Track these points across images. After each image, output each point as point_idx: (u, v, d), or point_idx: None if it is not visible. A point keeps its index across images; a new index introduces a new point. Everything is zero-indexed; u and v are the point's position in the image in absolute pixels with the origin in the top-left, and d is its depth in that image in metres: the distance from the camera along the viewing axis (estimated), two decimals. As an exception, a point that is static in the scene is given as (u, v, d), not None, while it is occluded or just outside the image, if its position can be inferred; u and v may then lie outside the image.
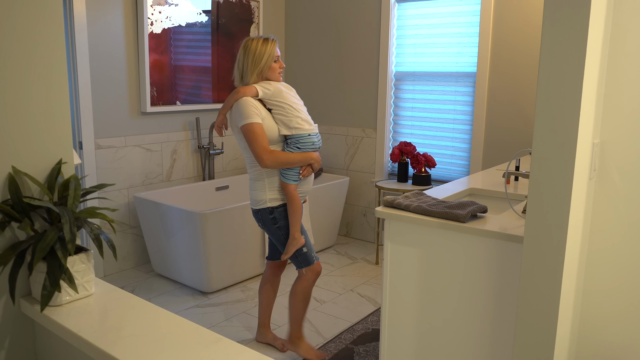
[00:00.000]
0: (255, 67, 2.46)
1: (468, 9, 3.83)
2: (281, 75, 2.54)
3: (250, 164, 2.50)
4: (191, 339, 1.10)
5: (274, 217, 2.52)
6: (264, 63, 2.46)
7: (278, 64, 2.51)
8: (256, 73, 2.47)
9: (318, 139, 2.53)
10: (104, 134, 3.63)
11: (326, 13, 4.57)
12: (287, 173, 2.47)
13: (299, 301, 2.63)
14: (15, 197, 1.22)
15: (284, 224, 2.52)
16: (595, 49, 1.45)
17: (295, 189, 2.49)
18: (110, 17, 3.58)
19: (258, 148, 2.38)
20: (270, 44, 2.47)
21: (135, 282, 3.67)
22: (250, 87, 2.44)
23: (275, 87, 2.47)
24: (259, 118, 2.39)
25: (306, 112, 2.53)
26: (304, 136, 2.47)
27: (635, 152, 1.59)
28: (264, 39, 2.48)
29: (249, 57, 2.47)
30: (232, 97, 2.44)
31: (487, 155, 3.86)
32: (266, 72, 2.48)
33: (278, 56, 2.51)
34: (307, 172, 2.51)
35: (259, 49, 2.45)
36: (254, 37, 2.49)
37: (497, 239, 1.84)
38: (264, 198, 2.50)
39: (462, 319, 1.98)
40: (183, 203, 3.96)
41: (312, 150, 2.50)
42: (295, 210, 2.48)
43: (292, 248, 2.50)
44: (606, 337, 1.73)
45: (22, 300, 1.29)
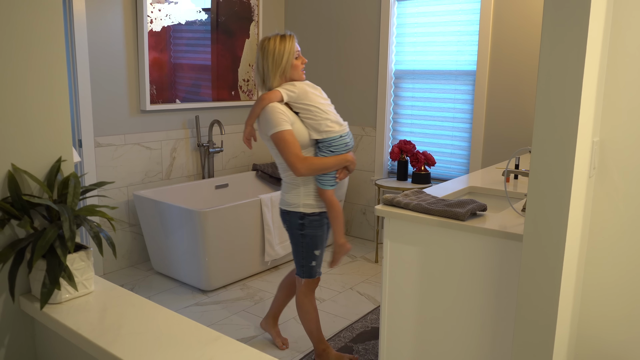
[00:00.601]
0: (277, 68, 2.31)
1: (468, 7, 3.83)
2: (304, 73, 2.39)
3: (284, 169, 2.38)
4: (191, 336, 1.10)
5: (303, 224, 2.39)
6: (285, 62, 2.31)
7: (300, 60, 2.36)
8: (279, 74, 2.32)
9: (350, 138, 2.41)
10: (103, 132, 3.63)
11: (326, 11, 4.57)
12: (323, 178, 2.35)
13: (304, 311, 2.54)
14: (14, 194, 1.22)
15: (310, 233, 2.40)
16: (595, 47, 1.45)
17: (333, 194, 2.37)
18: (109, 15, 3.57)
19: (291, 157, 2.25)
20: (289, 40, 2.31)
21: (134, 280, 3.67)
22: (274, 92, 2.30)
23: (300, 89, 2.32)
24: (288, 124, 2.26)
25: (334, 111, 2.40)
26: (336, 138, 2.34)
27: (635, 150, 1.59)
28: (281, 36, 2.32)
29: (268, 59, 2.31)
30: (257, 106, 2.30)
31: (487, 154, 3.86)
32: (289, 71, 2.33)
33: (299, 52, 2.35)
34: (343, 174, 2.39)
35: (277, 48, 2.30)
36: (270, 36, 2.34)
37: (496, 237, 1.85)
38: (297, 202, 2.38)
39: (462, 317, 1.99)
40: (182, 201, 3.96)
41: (346, 151, 2.37)
42: (336, 216, 2.38)
43: (340, 256, 2.42)
44: (605, 335, 1.73)
45: (22, 298, 1.29)
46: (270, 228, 3.67)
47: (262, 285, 3.60)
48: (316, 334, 2.58)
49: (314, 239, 2.43)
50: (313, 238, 2.42)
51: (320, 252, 2.46)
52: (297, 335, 2.94)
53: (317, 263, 2.46)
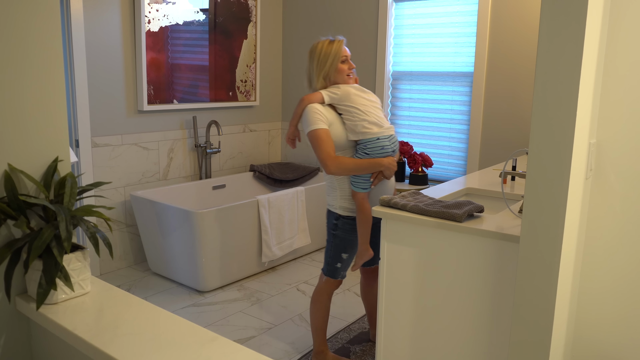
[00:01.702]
0: (321, 70, 2.36)
1: (465, 9, 3.84)
2: (350, 78, 2.40)
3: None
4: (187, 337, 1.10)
5: (336, 225, 2.43)
6: (329, 65, 2.35)
7: (346, 64, 2.38)
8: (322, 77, 2.37)
9: (391, 142, 2.36)
10: (100, 132, 3.62)
11: (324, 12, 4.57)
12: (356, 180, 2.35)
13: (315, 308, 2.56)
14: (11, 194, 1.22)
15: (341, 235, 2.42)
16: (591, 49, 1.45)
17: (364, 197, 2.34)
18: (107, 15, 3.57)
19: (322, 154, 2.28)
20: (336, 44, 2.35)
21: (131, 281, 3.66)
22: (316, 94, 2.34)
23: (343, 91, 2.35)
24: (324, 124, 2.29)
25: (378, 113, 2.38)
26: (372, 140, 2.32)
27: (631, 152, 1.60)
28: (330, 40, 2.36)
29: (313, 61, 2.37)
30: (299, 107, 2.35)
31: (484, 155, 3.87)
32: (333, 74, 2.37)
33: (346, 57, 2.38)
34: (377, 180, 2.36)
35: (323, 51, 2.35)
36: (320, 40, 2.39)
37: (493, 239, 1.85)
38: (335, 204, 2.43)
39: (458, 318, 1.99)
40: (180, 202, 3.95)
41: (382, 155, 2.34)
42: (363, 221, 2.36)
43: (360, 260, 2.42)
44: (602, 337, 1.73)
45: (18, 299, 1.29)
46: (267, 229, 3.67)
47: (259, 286, 3.60)
48: (320, 333, 2.60)
49: (344, 242, 2.44)
50: (343, 240, 2.44)
51: (348, 257, 2.46)
52: (294, 337, 2.94)
53: (343, 266, 2.48)
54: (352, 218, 2.41)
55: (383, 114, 2.43)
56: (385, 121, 2.39)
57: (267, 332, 2.98)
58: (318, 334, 2.60)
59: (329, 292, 2.54)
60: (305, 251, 4.20)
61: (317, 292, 2.56)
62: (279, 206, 3.76)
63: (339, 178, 2.40)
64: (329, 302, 2.57)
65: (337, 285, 2.53)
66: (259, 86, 4.69)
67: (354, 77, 2.46)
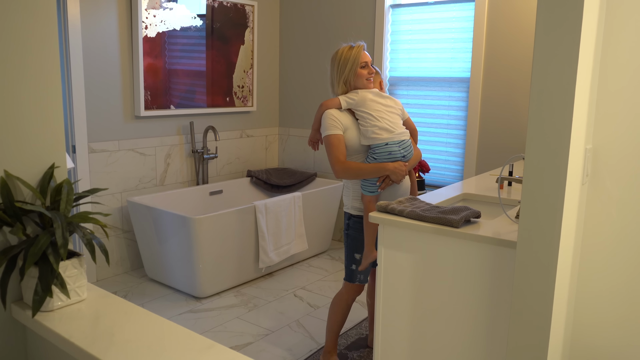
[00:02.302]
0: (340, 75, 2.41)
1: (462, 15, 3.85)
2: (371, 82, 2.43)
3: None
4: (184, 344, 1.10)
5: (348, 224, 2.50)
6: (348, 70, 2.39)
7: (366, 69, 2.41)
8: (342, 82, 2.42)
9: (401, 147, 2.38)
10: (97, 138, 3.62)
11: (321, 18, 4.58)
12: (364, 183, 2.39)
13: (331, 311, 2.59)
14: (7, 201, 1.22)
15: (353, 235, 2.48)
16: (587, 56, 1.46)
17: (371, 200, 2.38)
18: (104, 20, 3.57)
19: (332, 158, 2.37)
20: (355, 50, 2.39)
21: (128, 287, 3.65)
22: (334, 100, 2.41)
23: (361, 96, 2.40)
24: (338, 130, 2.37)
25: (395, 119, 2.41)
26: (380, 145, 2.36)
27: (627, 158, 1.60)
28: (350, 46, 2.41)
29: (334, 67, 2.43)
30: (318, 112, 2.44)
31: (481, 161, 3.87)
32: (352, 79, 2.41)
33: (366, 62, 2.41)
34: (384, 184, 2.38)
35: (343, 56, 2.40)
36: (342, 45, 2.43)
37: (490, 244, 1.85)
38: (348, 204, 2.50)
39: (456, 323, 1.98)
40: (176, 208, 3.95)
41: (390, 160, 2.36)
42: (369, 224, 2.38)
43: (365, 261, 2.43)
44: (599, 342, 1.73)
45: (14, 306, 1.28)
46: (264, 234, 3.66)
47: (256, 292, 3.59)
48: (331, 335, 2.62)
49: (356, 242, 2.47)
50: (355, 240, 2.48)
51: (361, 257, 2.48)
52: (292, 343, 2.93)
53: (358, 268, 2.49)
54: (362, 217, 2.45)
55: (400, 119, 2.46)
56: (398, 127, 2.41)
57: (265, 339, 2.97)
58: (330, 336, 2.63)
59: (347, 299, 2.54)
60: (302, 257, 4.19)
61: (337, 296, 2.59)
62: (276, 212, 3.75)
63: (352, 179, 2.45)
64: (347, 309, 2.58)
65: (356, 290, 2.53)
66: (256, 92, 4.70)
67: (379, 80, 2.50)
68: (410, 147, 2.44)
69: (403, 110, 2.52)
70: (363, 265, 2.46)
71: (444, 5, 3.93)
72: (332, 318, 2.59)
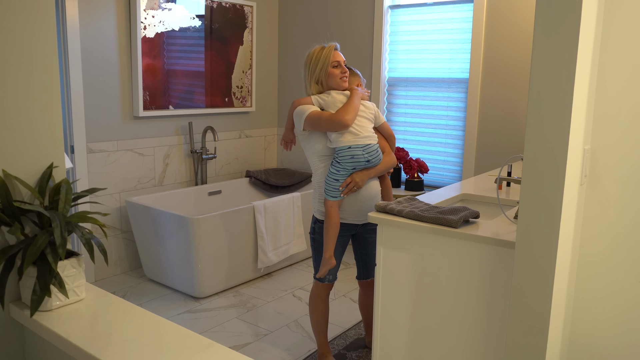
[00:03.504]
0: (312, 75, 2.40)
1: (460, 16, 3.86)
2: (345, 82, 2.40)
3: (313, 172, 2.48)
4: (183, 344, 1.10)
5: (314, 228, 2.49)
6: (319, 70, 2.38)
7: (338, 69, 2.38)
8: (314, 81, 2.40)
9: (365, 151, 2.33)
10: (96, 138, 3.62)
11: (320, 19, 4.58)
12: (328, 186, 2.35)
13: (310, 311, 2.61)
14: (5, 201, 1.22)
15: (319, 239, 2.47)
16: (585, 57, 1.46)
17: (333, 205, 2.35)
18: (103, 20, 3.57)
19: (327, 121, 2.30)
20: (327, 50, 2.38)
21: (126, 287, 3.65)
22: (306, 98, 2.41)
23: (332, 98, 2.38)
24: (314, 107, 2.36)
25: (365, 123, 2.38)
26: (343, 149, 2.33)
27: (626, 158, 1.61)
28: (322, 47, 2.41)
29: (305, 67, 2.43)
30: (290, 110, 2.42)
31: (480, 161, 3.88)
32: (325, 79, 2.39)
33: (338, 62, 2.39)
34: (348, 189, 2.33)
35: (315, 56, 2.39)
36: (315, 46, 2.43)
37: (489, 245, 1.85)
38: (315, 207, 2.49)
39: (454, 324, 1.99)
40: (175, 208, 3.94)
41: (352, 164, 2.32)
42: (328, 228, 2.36)
43: (323, 268, 2.41)
44: (597, 343, 1.73)
45: (12, 305, 1.28)
46: (263, 235, 3.66)
47: (255, 292, 3.59)
48: (319, 336, 2.63)
49: (322, 246, 2.46)
50: (321, 244, 2.47)
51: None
52: (290, 343, 2.93)
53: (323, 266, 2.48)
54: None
55: (371, 123, 2.42)
56: (364, 130, 2.36)
57: (263, 339, 2.97)
58: (318, 337, 2.63)
59: (321, 295, 2.56)
60: (301, 257, 4.19)
61: (310, 296, 2.61)
62: (275, 212, 3.75)
63: (318, 182, 2.43)
64: (323, 306, 2.57)
65: (326, 288, 2.55)
66: (255, 92, 4.69)
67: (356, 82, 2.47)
68: (377, 152, 2.38)
69: (378, 114, 2.48)
70: (321, 273, 2.43)
71: (442, 6, 3.93)
72: (313, 318, 2.61)
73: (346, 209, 2.42)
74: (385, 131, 2.54)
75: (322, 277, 2.47)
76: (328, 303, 2.60)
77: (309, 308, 2.62)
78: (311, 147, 2.42)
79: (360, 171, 2.36)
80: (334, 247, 2.40)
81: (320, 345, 2.64)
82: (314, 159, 2.44)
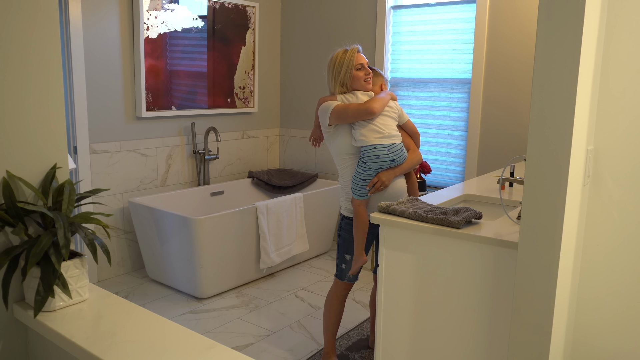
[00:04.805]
0: (337, 78, 2.42)
1: (463, 16, 3.85)
2: (369, 83, 2.43)
3: (339, 170, 2.49)
4: (185, 345, 1.10)
5: (341, 225, 2.52)
6: (343, 73, 2.40)
7: (362, 71, 2.41)
8: (339, 84, 2.43)
9: (390, 151, 2.35)
10: (98, 139, 3.62)
11: (322, 19, 4.59)
12: (354, 187, 2.39)
13: (325, 309, 2.62)
14: (9, 201, 1.22)
15: (344, 235, 2.49)
16: (588, 57, 1.46)
17: (361, 204, 2.37)
18: (106, 21, 3.58)
19: (356, 111, 2.33)
20: (350, 53, 2.40)
21: (129, 288, 3.65)
22: (332, 97, 2.43)
23: (357, 98, 2.41)
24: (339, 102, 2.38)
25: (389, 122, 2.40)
26: (369, 149, 2.35)
27: (629, 159, 1.60)
28: (345, 50, 2.43)
29: (329, 70, 2.45)
30: (317, 108, 2.44)
31: (482, 162, 3.87)
32: (349, 82, 2.42)
33: (362, 64, 2.42)
34: (375, 188, 2.36)
35: (338, 60, 2.41)
36: (337, 50, 2.45)
37: (491, 245, 1.85)
38: (342, 204, 2.51)
39: (457, 324, 1.98)
40: (178, 208, 3.95)
41: (378, 164, 2.34)
42: (357, 227, 2.39)
43: (355, 265, 2.44)
44: (601, 343, 1.73)
45: (15, 306, 1.28)
46: (265, 235, 3.66)
47: (257, 292, 3.59)
48: (328, 334, 2.63)
49: (346, 243, 2.49)
50: (345, 241, 2.49)
51: (351, 258, 2.49)
52: (293, 343, 2.93)
53: (347, 268, 2.51)
54: (352, 219, 2.45)
55: (395, 122, 2.45)
56: (389, 129, 2.39)
57: (266, 339, 2.97)
58: (326, 335, 2.64)
59: (338, 295, 2.57)
60: (303, 257, 4.19)
61: (329, 294, 2.61)
62: (278, 212, 3.75)
63: (345, 181, 2.46)
64: (339, 306, 2.59)
65: (345, 287, 2.55)
66: (258, 93, 4.70)
67: (380, 82, 2.50)
68: (401, 151, 2.41)
69: (402, 113, 2.50)
70: (353, 270, 2.47)
71: (445, 7, 3.93)
72: (326, 316, 2.61)
73: (373, 207, 2.43)
74: (410, 129, 2.56)
75: (354, 273, 2.49)
76: (344, 304, 2.61)
77: (325, 306, 2.62)
78: (336, 145, 2.44)
79: (386, 170, 2.38)
80: (364, 244, 2.42)
81: (327, 344, 2.64)
82: (340, 157, 2.46)
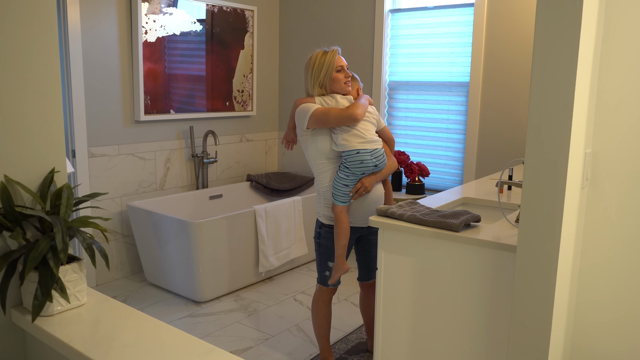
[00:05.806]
0: (316, 79, 2.38)
1: (461, 20, 3.86)
2: (349, 86, 2.41)
3: (315, 175, 2.45)
4: (184, 349, 1.10)
5: (320, 233, 2.48)
6: (323, 74, 2.37)
7: (342, 74, 2.39)
8: (318, 85, 2.39)
9: (373, 156, 2.35)
10: (97, 143, 3.62)
11: (320, 23, 4.59)
12: (337, 192, 2.35)
13: (313, 315, 2.61)
14: (7, 206, 1.22)
15: (324, 244, 2.46)
16: (586, 60, 1.46)
17: (342, 210, 2.35)
18: (104, 25, 3.58)
19: (337, 116, 2.29)
20: (330, 55, 2.38)
21: (127, 292, 3.64)
22: (310, 98, 2.39)
23: (337, 101, 2.38)
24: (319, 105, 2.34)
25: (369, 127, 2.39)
26: (352, 154, 2.33)
27: (627, 162, 1.60)
28: (325, 51, 2.40)
29: (309, 72, 2.40)
30: (292, 109, 2.42)
31: (481, 165, 3.88)
32: (329, 84, 2.39)
33: (342, 66, 2.39)
34: (358, 194, 2.35)
35: (317, 61, 2.38)
36: (316, 51, 2.43)
37: (490, 248, 1.85)
38: (320, 211, 2.48)
39: (456, 328, 1.98)
40: (176, 212, 3.94)
41: (361, 169, 2.33)
42: (339, 233, 2.36)
43: (336, 274, 2.42)
44: (600, 346, 1.73)
45: (13, 310, 1.28)
46: (264, 239, 3.66)
47: (256, 296, 3.59)
48: (321, 340, 2.62)
49: (328, 251, 2.46)
50: (327, 249, 2.46)
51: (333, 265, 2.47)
52: (291, 347, 2.92)
53: (330, 274, 2.49)
54: (333, 227, 2.43)
55: (374, 128, 2.43)
56: (370, 135, 2.38)
57: (264, 343, 2.96)
58: (320, 341, 2.63)
59: (324, 299, 2.56)
60: (302, 261, 4.19)
61: (313, 300, 2.60)
62: (276, 216, 3.75)
63: (323, 187, 2.42)
64: (327, 310, 2.58)
65: (330, 292, 2.55)
66: (256, 96, 4.70)
67: (356, 86, 2.47)
68: (383, 157, 2.41)
69: (379, 119, 2.50)
70: (333, 279, 2.44)
71: (443, 10, 3.94)
72: (316, 322, 2.60)
73: (353, 213, 2.42)
74: (386, 135, 2.55)
75: (334, 282, 2.47)
76: (331, 307, 2.60)
77: (312, 312, 2.61)
78: (314, 149, 2.40)
79: (368, 176, 2.37)
80: (345, 252, 2.40)
81: (323, 349, 2.63)
82: (318, 162, 2.43)
